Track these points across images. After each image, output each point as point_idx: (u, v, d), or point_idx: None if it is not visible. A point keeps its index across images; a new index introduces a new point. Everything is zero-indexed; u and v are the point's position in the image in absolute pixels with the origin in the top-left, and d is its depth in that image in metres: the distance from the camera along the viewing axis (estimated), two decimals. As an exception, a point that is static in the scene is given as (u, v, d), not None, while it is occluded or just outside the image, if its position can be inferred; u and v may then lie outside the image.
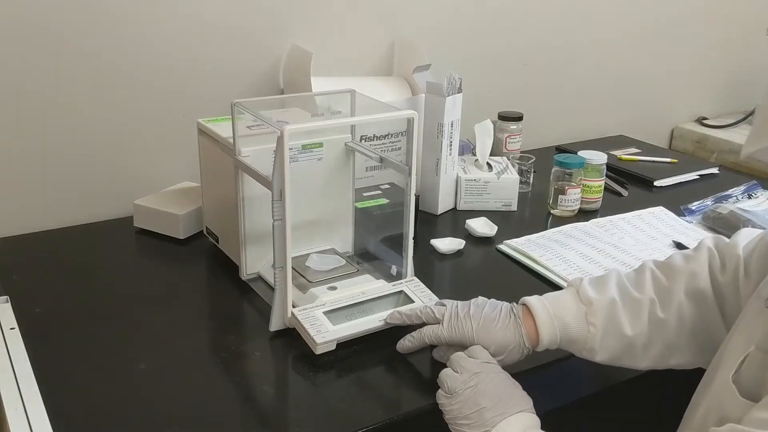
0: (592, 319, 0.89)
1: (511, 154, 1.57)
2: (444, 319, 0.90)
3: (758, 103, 0.71)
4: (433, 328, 0.91)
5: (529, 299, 0.92)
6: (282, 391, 0.92)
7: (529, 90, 1.79)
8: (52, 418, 0.79)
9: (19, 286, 1.08)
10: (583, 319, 0.90)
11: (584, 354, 0.91)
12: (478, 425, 0.78)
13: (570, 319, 0.90)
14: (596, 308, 0.90)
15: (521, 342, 0.89)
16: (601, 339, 0.89)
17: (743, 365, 0.72)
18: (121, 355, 0.94)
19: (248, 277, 1.11)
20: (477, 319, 0.89)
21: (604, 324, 0.89)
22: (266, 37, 1.41)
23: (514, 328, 0.89)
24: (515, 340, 0.89)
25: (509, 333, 0.89)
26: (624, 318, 0.89)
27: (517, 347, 0.89)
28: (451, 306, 0.92)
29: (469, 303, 0.92)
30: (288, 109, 1.20)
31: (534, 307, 0.90)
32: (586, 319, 0.90)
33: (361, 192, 1.23)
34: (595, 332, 0.89)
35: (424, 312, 0.93)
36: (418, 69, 1.41)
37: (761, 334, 0.71)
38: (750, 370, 0.71)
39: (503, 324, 0.89)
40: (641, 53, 1.97)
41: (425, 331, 0.91)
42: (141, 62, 1.31)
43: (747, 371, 0.71)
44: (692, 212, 1.42)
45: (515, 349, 0.89)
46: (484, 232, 1.30)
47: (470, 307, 0.91)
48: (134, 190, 1.30)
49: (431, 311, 0.92)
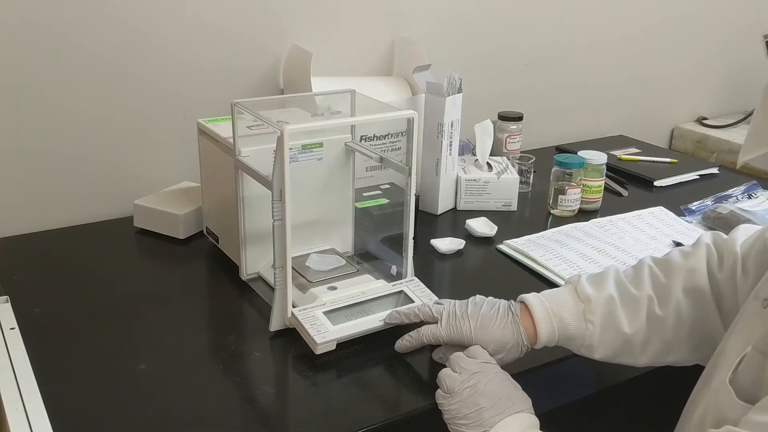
0: (591, 317, 0.89)
1: (511, 154, 1.57)
2: (442, 318, 0.90)
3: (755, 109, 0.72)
4: (432, 327, 0.91)
5: (526, 297, 0.92)
6: (282, 391, 0.92)
7: (529, 90, 1.79)
8: (52, 418, 0.78)
9: (19, 286, 1.08)
10: (581, 317, 0.90)
11: (582, 351, 0.91)
12: (477, 425, 0.78)
13: (568, 317, 0.90)
14: (594, 305, 0.90)
15: (519, 340, 0.89)
16: (599, 336, 0.89)
17: (740, 366, 0.72)
18: (121, 355, 0.94)
19: (248, 277, 1.11)
20: (475, 318, 0.89)
21: (603, 321, 0.89)
22: (266, 37, 1.41)
23: (512, 326, 0.89)
24: (513, 338, 0.89)
25: (507, 331, 0.89)
26: (622, 315, 0.89)
27: (516, 345, 0.89)
28: (449, 305, 0.92)
29: (467, 302, 0.92)
30: (288, 109, 1.20)
31: (532, 305, 0.90)
32: (584, 317, 0.90)
33: (361, 192, 1.23)
34: (594, 329, 0.89)
35: (422, 311, 0.93)
36: (418, 69, 1.41)
37: (759, 334, 0.71)
38: (747, 371, 0.71)
39: (501, 322, 0.89)
40: (641, 53, 1.97)
41: (423, 331, 0.92)
42: (141, 62, 1.31)
43: (744, 373, 0.71)
44: (692, 212, 1.42)
45: (514, 347, 0.89)
46: (484, 232, 1.30)
47: (468, 306, 0.91)
48: (134, 190, 1.31)
49: (429, 310, 0.92)
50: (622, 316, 0.89)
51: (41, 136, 1.26)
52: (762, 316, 0.73)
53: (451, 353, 0.88)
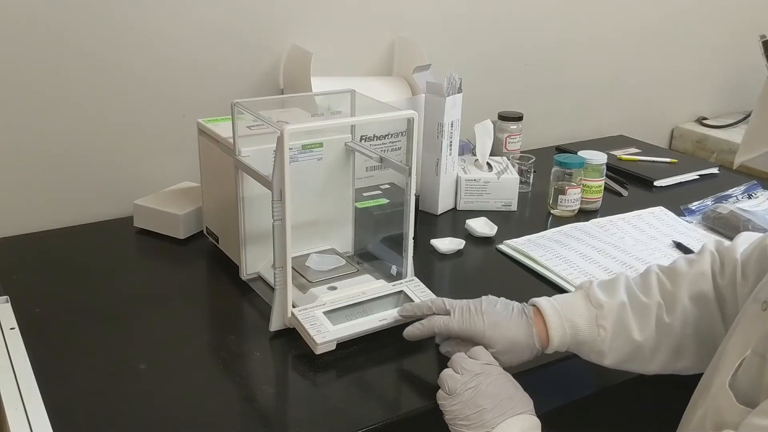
0: (603, 322, 0.89)
1: (511, 154, 1.57)
2: (455, 311, 0.90)
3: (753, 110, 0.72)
4: (444, 318, 0.91)
5: (538, 300, 0.92)
6: (282, 391, 0.92)
7: (529, 90, 1.79)
8: (52, 418, 0.79)
9: (19, 286, 1.08)
10: (593, 322, 0.90)
11: (592, 357, 0.91)
12: (478, 426, 0.78)
13: (580, 322, 0.90)
14: (606, 311, 0.90)
15: (531, 342, 0.89)
16: (610, 342, 0.89)
17: (740, 370, 0.72)
18: (121, 355, 0.94)
19: (248, 277, 1.11)
20: (489, 315, 0.89)
21: (614, 327, 0.89)
22: (266, 37, 1.41)
23: (526, 327, 0.89)
24: (526, 340, 0.89)
25: (521, 332, 0.89)
26: (633, 322, 0.90)
27: (527, 347, 0.89)
28: (463, 301, 0.92)
29: (480, 299, 0.92)
30: (288, 109, 1.20)
31: (544, 309, 0.90)
32: (596, 322, 0.90)
33: (361, 192, 1.23)
34: (605, 335, 0.89)
35: (435, 303, 0.93)
36: (418, 69, 1.41)
37: (758, 337, 0.71)
38: (746, 374, 0.71)
39: (516, 323, 0.89)
40: (641, 53, 1.97)
41: (435, 320, 0.91)
42: (141, 62, 1.31)
43: (744, 376, 0.71)
44: (692, 212, 1.42)
45: (525, 349, 0.89)
46: (484, 232, 1.30)
47: (483, 303, 0.91)
48: (134, 190, 1.31)
49: (442, 302, 0.92)
50: (633, 322, 0.90)
51: (41, 136, 1.26)
52: (761, 319, 0.73)
53: (460, 348, 0.88)
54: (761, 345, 0.70)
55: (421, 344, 0.98)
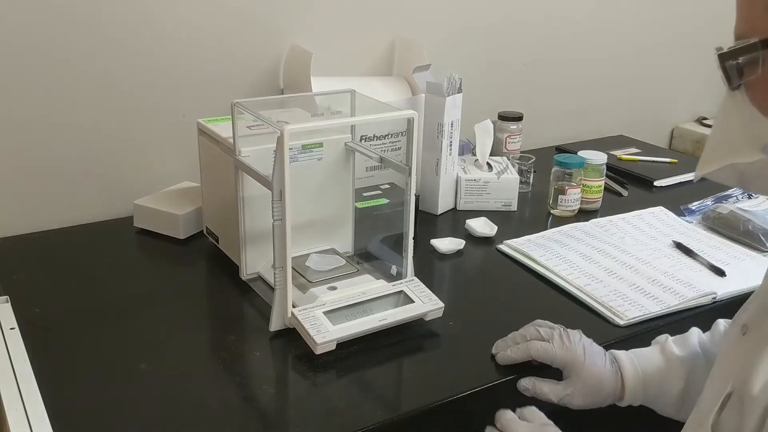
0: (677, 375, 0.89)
1: (511, 154, 1.57)
2: (554, 338, 0.89)
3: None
4: (543, 344, 0.89)
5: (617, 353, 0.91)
6: (282, 391, 0.92)
7: (529, 90, 1.79)
8: (52, 418, 0.79)
9: (19, 286, 1.08)
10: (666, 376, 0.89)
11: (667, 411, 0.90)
12: None
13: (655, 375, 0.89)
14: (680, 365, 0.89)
15: (616, 391, 0.89)
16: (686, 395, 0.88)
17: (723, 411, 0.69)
18: (121, 355, 0.94)
19: (248, 277, 1.11)
20: (588, 348, 0.88)
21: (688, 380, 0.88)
22: (266, 37, 1.41)
23: (614, 375, 0.89)
24: (611, 386, 0.88)
25: (611, 377, 0.88)
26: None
27: (611, 394, 0.88)
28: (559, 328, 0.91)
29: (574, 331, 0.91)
30: (288, 109, 1.20)
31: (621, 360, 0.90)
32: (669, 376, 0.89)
33: (361, 192, 1.23)
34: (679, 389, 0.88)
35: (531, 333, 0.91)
36: (418, 69, 1.41)
37: (739, 368, 0.69)
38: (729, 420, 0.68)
39: (608, 366, 0.89)
40: (641, 53, 1.97)
41: (535, 345, 0.89)
42: (141, 62, 1.31)
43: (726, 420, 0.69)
44: (692, 212, 1.42)
45: (608, 396, 0.88)
46: (484, 232, 1.30)
47: (578, 334, 0.90)
48: (134, 190, 1.31)
49: (538, 332, 0.90)
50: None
51: (41, 137, 1.26)
52: (741, 345, 0.72)
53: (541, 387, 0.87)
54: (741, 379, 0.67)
55: (422, 344, 0.98)
